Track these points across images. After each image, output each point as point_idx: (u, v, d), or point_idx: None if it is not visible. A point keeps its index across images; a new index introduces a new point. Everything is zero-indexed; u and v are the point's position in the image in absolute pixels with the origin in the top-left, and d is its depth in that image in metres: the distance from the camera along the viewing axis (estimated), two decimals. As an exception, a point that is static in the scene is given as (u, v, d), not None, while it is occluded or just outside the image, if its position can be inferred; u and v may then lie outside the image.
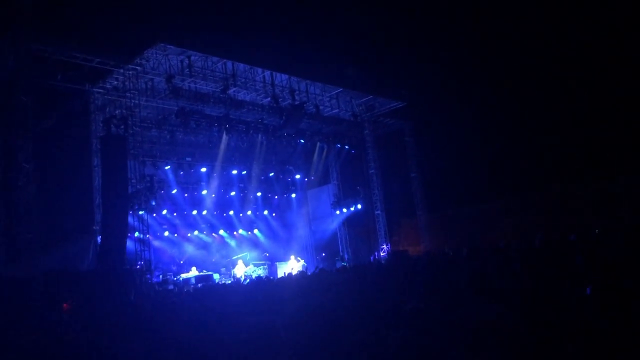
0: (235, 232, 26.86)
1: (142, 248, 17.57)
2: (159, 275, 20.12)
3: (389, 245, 25.08)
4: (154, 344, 7.58)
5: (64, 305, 11.80)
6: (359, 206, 26.12)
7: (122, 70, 18.43)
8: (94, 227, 19.07)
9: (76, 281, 14.98)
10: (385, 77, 24.37)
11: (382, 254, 24.68)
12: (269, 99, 21.56)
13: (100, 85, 19.35)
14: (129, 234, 17.18)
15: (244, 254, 24.09)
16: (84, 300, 12.95)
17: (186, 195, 24.11)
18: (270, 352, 3.54)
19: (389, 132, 27.30)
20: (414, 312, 3.23)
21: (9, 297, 13.41)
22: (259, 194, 27.11)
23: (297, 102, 21.67)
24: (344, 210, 26.80)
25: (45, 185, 17.58)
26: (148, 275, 17.47)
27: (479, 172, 23.66)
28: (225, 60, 19.63)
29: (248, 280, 20.50)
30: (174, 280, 20.36)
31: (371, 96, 24.30)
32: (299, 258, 23.64)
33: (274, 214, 28.56)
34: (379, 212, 25.56)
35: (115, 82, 19.18)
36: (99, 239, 17.91)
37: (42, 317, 11.60)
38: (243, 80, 20.68)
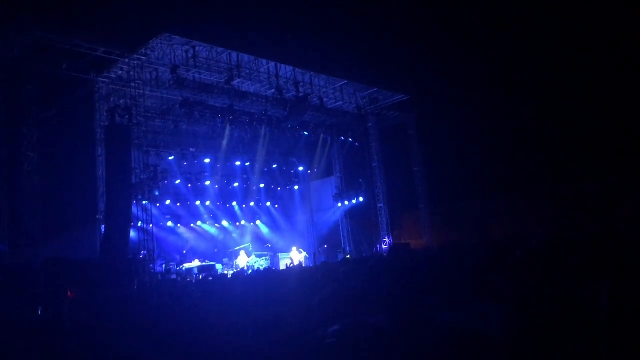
0: (237, 223, 26.94)
1: (146, 237, 17.67)
2: (162, 265, 20.22)
3: (390, 238, 25.14)
4: (157, 333, 7.64)
5: (68, 292, 11.86)
6: (361, 199, 26.21)
7: (127, 60, 18.43)
8: (98, 216, 19.15)
9: (79, 270, 15.05)
10: (389, 70, 24.35)
11: (384, 246, 24.74)
12: (273, 90, 21.56)
13: (105, 74, 19.35)
14: (132, 224, 17.25)
15: (247, 244, 24.17)
16: (87, 289, 13.03)
17: (189, 185, 24.20)
18: (275, 342, 3.59)
19: (392, 125, 27.28)
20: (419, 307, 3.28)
21: (13, 284, 13.51)
22: (262, 185, 27.21)
23: (301, 94, 21.67)
24: (346, 202, 26.90)
25: (49, 173, 17.65)
26: (151, 265, 17.56)
27: (483, 167, 23.63)
28: (230, 51, 19.63)
29: (250, 271, 20.61)
30: (177, 270, 20.46)
31: (375, 89, 24.29)
32: (300, 250, 23.74)
33: (276, 206, 28.65)
34: (381, 205, 25.60)
35: (120, 72, 19.19)
36: (102, 228, 17.99)
37: (45, 304, 11.70)
38: (247, 71, 20.67)
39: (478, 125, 23.67)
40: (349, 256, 24.43)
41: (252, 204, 27.47)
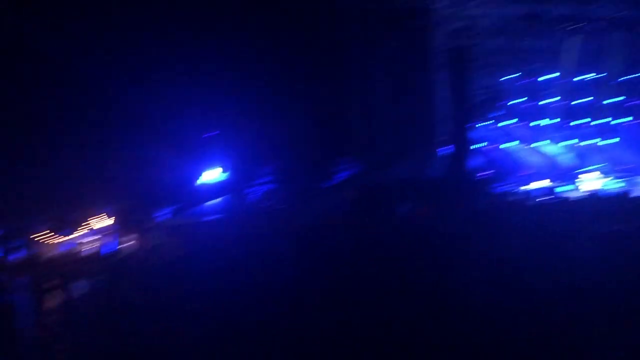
0: (586, 142, 25.02)
1: (488, 158, 17.94)
2: (504, 185, 20.29)
3: None
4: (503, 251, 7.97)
5: (423, 209, 13.13)
6: None
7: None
8: (440, 138, 20.13)
9: (426, 188, 16.32)
10: None
11: None
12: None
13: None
14: (475, 144, 17.70)
15: (600, 165, 22.37)
16: (434, 206, 14.13)
17: (531, 104, 23.44)
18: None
19: None
20: None
21: (370, 199, 15.57)
22: (614, 99, 24.51)
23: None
24: None
25: (394, 101, 19.27)
26: (494, 185, 17.86)
27: None
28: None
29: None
30: (519, 191, 20.27)
31: None
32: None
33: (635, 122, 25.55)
34: None
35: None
36: (443, 149, 18.87)
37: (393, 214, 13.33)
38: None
39: None
40: None
41: (602, 120, 25.06)
